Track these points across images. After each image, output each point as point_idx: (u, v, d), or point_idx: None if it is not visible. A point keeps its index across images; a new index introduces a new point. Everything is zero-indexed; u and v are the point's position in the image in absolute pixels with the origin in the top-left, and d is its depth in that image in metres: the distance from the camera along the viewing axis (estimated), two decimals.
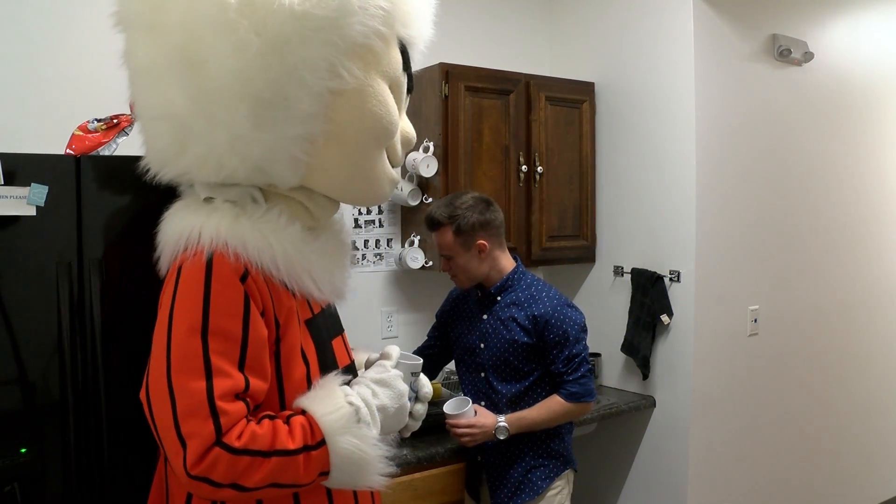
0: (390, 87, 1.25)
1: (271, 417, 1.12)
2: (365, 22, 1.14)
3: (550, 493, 2.14)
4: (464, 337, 2.26)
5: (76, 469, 1.53)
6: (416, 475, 2.22)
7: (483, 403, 2.16)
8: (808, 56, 3.06)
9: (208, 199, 1.21)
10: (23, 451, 1.48)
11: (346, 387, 1.20)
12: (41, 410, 1.51)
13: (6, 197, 1.45)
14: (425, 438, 2.32)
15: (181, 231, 1.17)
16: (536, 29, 3.30)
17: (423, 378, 1.41)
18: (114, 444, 1.57)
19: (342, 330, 1.40)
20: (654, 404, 2.86)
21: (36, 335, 1.49)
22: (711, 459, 2.83)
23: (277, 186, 1.23)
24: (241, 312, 1.11)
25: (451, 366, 2.54)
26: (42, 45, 2.17)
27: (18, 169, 1.47)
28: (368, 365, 1.39)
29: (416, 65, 2.80)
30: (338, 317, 1.41)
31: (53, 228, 1.51)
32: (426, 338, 2.46)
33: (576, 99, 3.00)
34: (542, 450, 2.15)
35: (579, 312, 2.16)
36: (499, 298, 2.19)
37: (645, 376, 2.85)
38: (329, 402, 1.16)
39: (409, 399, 1.32)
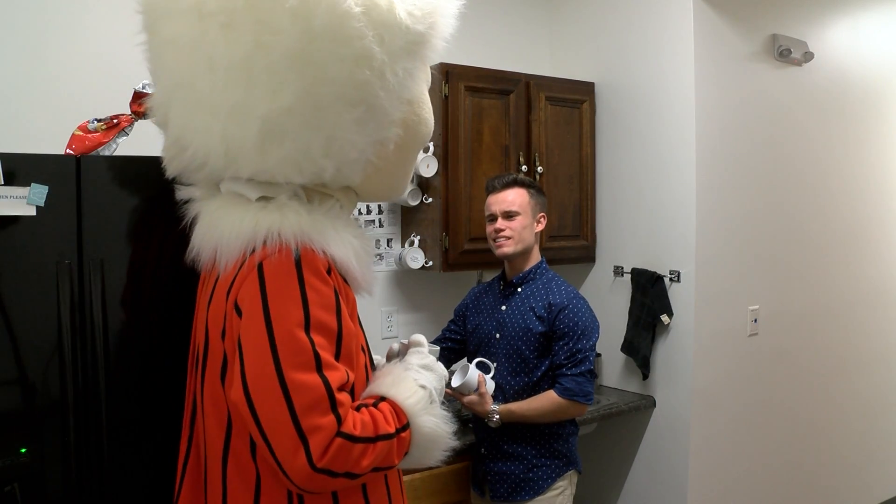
0: None
1: (365, 406, 1.16)
2: (442, 39, 1.26)
3: (551, 493, 2.14)
4: (481, 328, 2.28)
5: (76, 469, 1.53)
6: (417, 475, 2.22)
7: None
8: (808, 56, 3.06)
9: (263, 198, 1.21)
10: (23, 451, 1.48)
11: (410, 372, 1.27)
12: (41, 410, 1.50)
13: (6, 197, 1.45)
14: None
15: (252, 229, 1.17)
16: (536, 29, 3.30)
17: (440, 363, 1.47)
18: (114, 444, 1.56)
19: None
20: (654, 404, 2.86)
21: (36, 335, 1.49)
22: (711, 459, 2.83)
23: (327, 186, 1.27)
24: (335, 306, 1.15)
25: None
26: (42, 45, 2.17)
27: (18, 169, 1.47)
28: (393, 353, 1.45)
29: None
30: None
31: (53, 228, 1.51)
32: (440, 332, 2.46)
33: (576, 99, 3.00)
34: (545, 449, 2.15)
35: (595, 317, 2.19)
36: (519, 290, 2.21)
37: (645, 376, 2.85)
38: (404, 386, 1.23)
39: None
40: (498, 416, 2.09)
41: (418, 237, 2.77)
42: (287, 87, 1.13)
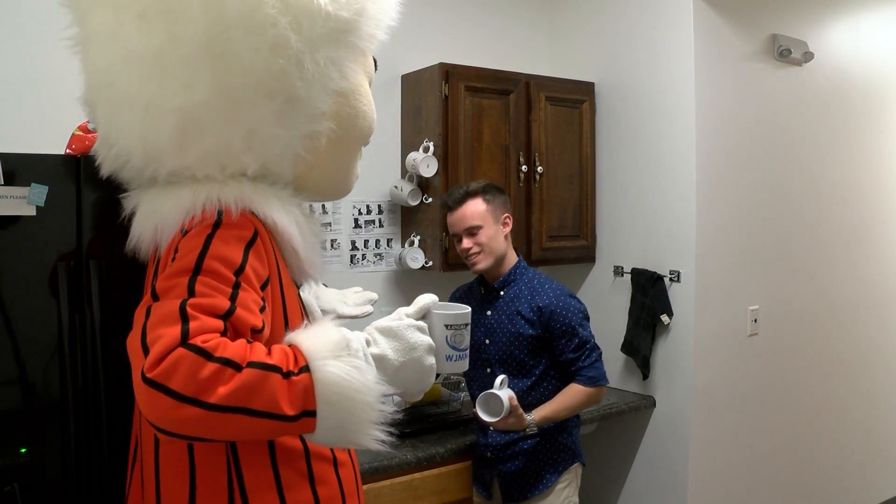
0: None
1: (249, 342, 0.98)
2: (378, 27, 1.21)
3: (559, 486, 2.16)
4: None
5: (76, 469, 1.53)
6: (416, 475, 2.22)
7: None
8: (808, 56, 3.06)
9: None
10: (23, 451, 1.48)
11: (355, 334, 1.06)
12: (41, 410, 1.50)
13: (6, 197, 1.45)
14: (425, 438, 2.32)
15: (192, 199, 1.11)
16: (536, 29, 3.30)
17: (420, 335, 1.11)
18: (114, 444, 1.56)
19: None
20: (654, 404, 2.86)
21: (36, 335, 1.49)
22: (711, 459, 2.83)
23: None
24: (236, 267, 1.04)
25: None
26: (42, 44, 2.16)
27: (18, 169, 1.47)
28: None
29: (417, 65, 2.83)
30: None
31: (53, 228, 1.51)
32: None
33: (576, 99, 3.00)
34: (551, 444, 2.16)
35: (580, 302, 2.20)
36: (502, 293, 2.20)
37: (645, 376, 2.85)
38: (317, 330, 1.02)
39: (461, 357, 1.17)
40: (535, 429, 2.08)
41: (418, 237, 2.77)
42: (201, 79, 1.09)
